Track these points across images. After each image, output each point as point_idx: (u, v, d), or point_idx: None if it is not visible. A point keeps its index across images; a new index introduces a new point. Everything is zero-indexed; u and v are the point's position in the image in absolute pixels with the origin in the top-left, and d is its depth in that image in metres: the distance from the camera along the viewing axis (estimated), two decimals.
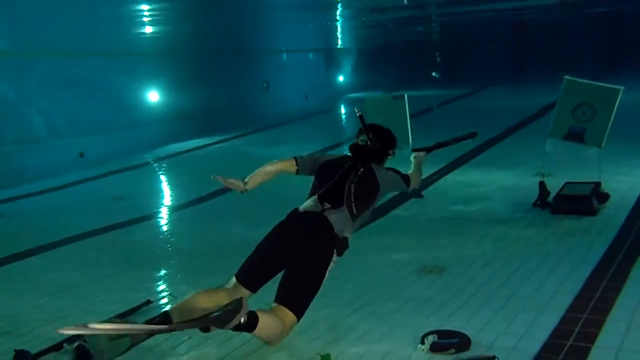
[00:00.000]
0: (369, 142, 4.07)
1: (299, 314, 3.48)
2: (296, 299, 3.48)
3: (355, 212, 3.74)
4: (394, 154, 4.25)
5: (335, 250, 3.62)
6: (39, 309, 4.75)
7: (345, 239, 3.70)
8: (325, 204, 3.74)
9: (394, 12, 17.96)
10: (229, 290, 3.62)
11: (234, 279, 3.68)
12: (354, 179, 3.83)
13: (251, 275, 3.64)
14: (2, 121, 10.41)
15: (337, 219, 3.68)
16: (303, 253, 3.54)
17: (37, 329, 4.29)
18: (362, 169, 3.89)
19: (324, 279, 3.60)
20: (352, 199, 3.74)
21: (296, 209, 3.83)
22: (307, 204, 3.83)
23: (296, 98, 18.43)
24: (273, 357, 3.63)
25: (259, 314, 3.22)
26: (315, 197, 3.82)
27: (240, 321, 3.04)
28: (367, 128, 4.10)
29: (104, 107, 12.09)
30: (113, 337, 3.21)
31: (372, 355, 3.58)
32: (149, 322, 3.55)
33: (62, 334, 2.93)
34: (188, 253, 6.09)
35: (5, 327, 4.36)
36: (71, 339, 3.88)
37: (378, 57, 22.53)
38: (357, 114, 4.13)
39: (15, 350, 3.77)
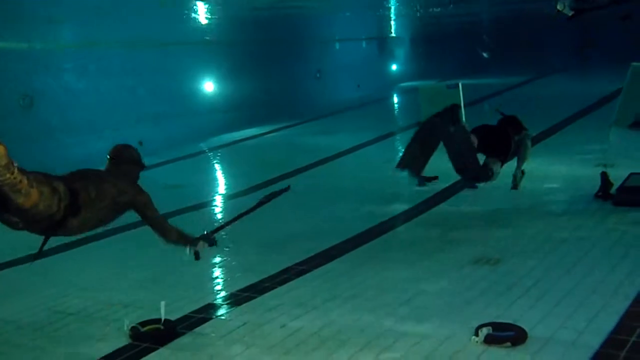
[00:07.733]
0: None
1: None
2: None
3: None
4: None
5: None
6: (116, 290, 4.91)
7: None
8: None
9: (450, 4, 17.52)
10: None
11: None
12: None
13: None
14: (64, 111, 10.81)
15: None
16: None
17: (114, 312, 4.46)
18: None
19: None
20: None
21: None
22: None
23: (348, 87, 18.36)
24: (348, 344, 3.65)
25: None
26: None
27: None
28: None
29: (161, 97, 12.39)
30: None
31: (425, 344, 3.54)
32: None
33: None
34: (242, 241, 6.16)
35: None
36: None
37: (432, 46, 22.09)
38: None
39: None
